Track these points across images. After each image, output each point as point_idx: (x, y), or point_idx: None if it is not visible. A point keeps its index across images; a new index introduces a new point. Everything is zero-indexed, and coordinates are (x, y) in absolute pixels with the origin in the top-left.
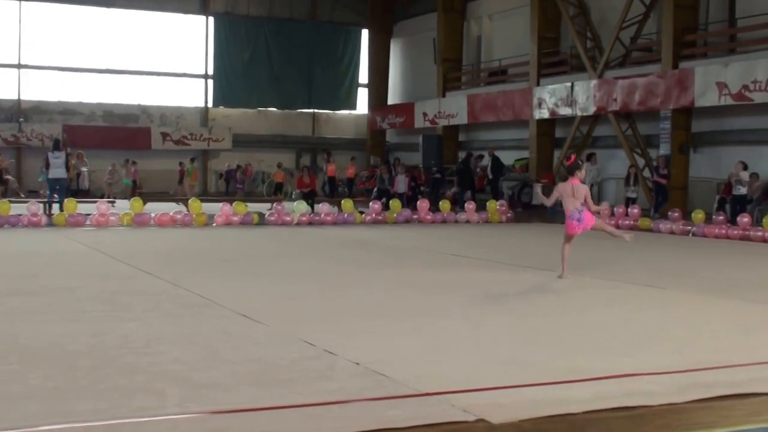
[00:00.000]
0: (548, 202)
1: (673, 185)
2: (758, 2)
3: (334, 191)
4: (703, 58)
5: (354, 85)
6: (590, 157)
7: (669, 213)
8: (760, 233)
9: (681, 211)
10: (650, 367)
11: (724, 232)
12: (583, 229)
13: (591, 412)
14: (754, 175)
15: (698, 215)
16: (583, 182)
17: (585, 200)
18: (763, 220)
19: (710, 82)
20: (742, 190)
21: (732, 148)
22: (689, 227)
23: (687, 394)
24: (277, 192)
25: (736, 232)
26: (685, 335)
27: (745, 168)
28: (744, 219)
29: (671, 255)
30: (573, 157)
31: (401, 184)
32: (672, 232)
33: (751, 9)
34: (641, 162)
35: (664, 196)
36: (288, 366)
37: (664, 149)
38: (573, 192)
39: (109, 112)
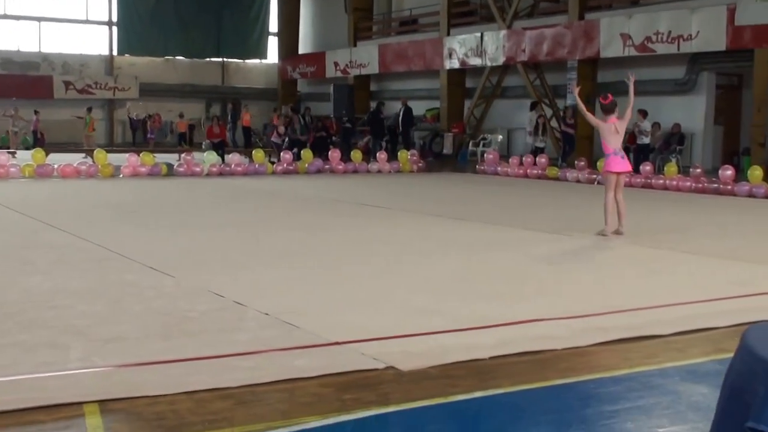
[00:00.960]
0: (587, 115)
1: (579, 135)
2: None
3: (249, 142)
4: (608, 9)
5: (264, 33)
6: (534, 106)
7: (576, 162)
8: (661, 181)
9: (587, 160)
10: (555, 312)
11: (627, 180)
12: (625, 169)
13: (497, 357)
14: (656, 125)
15: (602, 163)
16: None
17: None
18: (665, 168)
19: (615, 33)
20: (645, 140)
21: (636, 99)
22: (595, 176)
23: (589, 338)
24: (181, 142)
25: (638, 180)
26: (590, 281)
27: (646, 117)
28: (646, 167)
29: (578, 203)
30: (610, 96)
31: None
32: (578, 181)
33: None
34: (549, 112)
35: (571, 146)
36: (197, 318)
37: (571, 99)
38: (616, 129)
39: (7, 59)
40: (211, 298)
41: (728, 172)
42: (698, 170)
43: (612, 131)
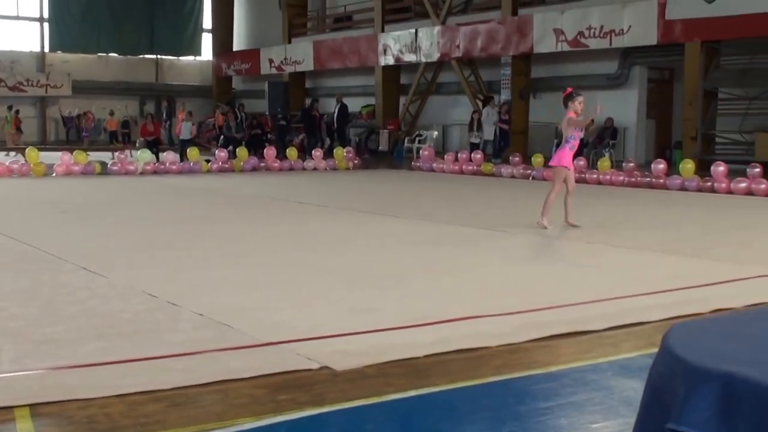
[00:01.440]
0: (583, 122)
1: (513, 130)
2: None
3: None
4: (541, 5)
5: (198, 30)
6: (488, 101)
7: (510, 157)
8: (594, 176)
9: (522, 155)
10: (492, 309)
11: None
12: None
13: (433, 356)
14: (591, 118)
15: (537, 159)
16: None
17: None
18: (598, 163)
19: (548, 28)
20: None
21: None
22: (529, 171)
23: (524, 334)
24: (112, 140)
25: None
26: (526, 277)
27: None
28: (580, 162)
29: (513, 199)
30: (569, 89)
31: (185, 130)
32: (513, 176)
33: None
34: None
35: (505, 141)
36: (130, 319)
37: (506, 95)
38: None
39: None
40: (145, 298)
41: (660, 166)
42: (631, 164)
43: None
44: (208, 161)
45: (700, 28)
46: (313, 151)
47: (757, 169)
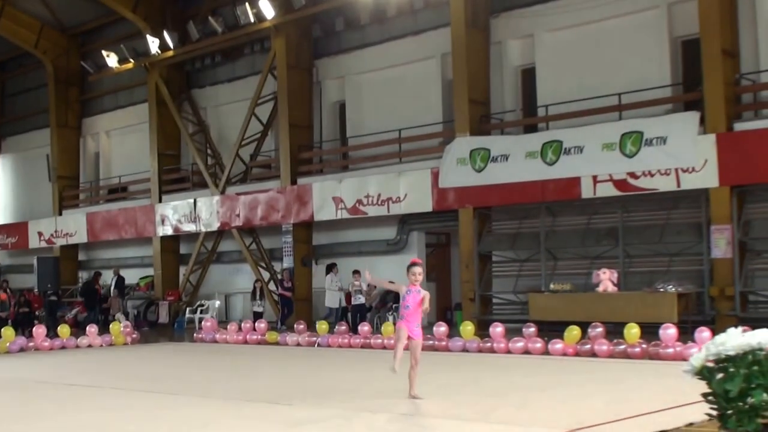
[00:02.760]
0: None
1: (297, 297)
2: (367, 123)
3: None
4: (319, 174)
5: None
6: (332, 268)
7: (295, 325)
8: (379, 340)
9: (306, 322)
10: None
11: (347, 341)
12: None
13: None
14: (371, 285)
15: (322, 326)
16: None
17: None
18: (381, 328)
19: (327, 197)
20: (361, 299)
21: (351, 259)
22: (315, 338)
23: None
24: None
25: (358, 340)
26: None
27: (360, 277)
28: (365, 327)
29: (300, 367)
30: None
31: None
32: (299, 344)
33: (361, 129)
34: (266, 275)
35: (289, 309)
36: None
37: (288, 262)
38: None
39: None
40: None
41: (442, 328)
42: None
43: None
44: None
45: (472, 195)
46: (87, 327)
47: (532, 329)
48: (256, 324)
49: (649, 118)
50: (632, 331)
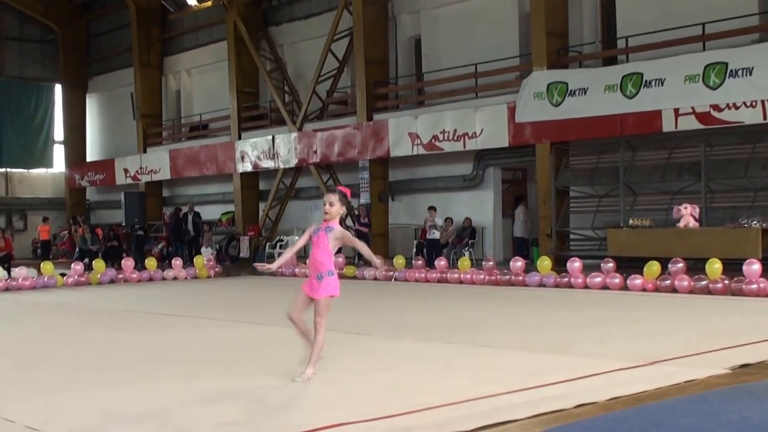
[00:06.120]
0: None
1: (374, 232)
2: (443, 58)
3: (48, 254)
4: (395, 110)
5: (49, 142)
6: (520, 201)
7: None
8: (456, 275)
9: (383, 257)
10: (357, 415)
11: (423, 275)
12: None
13: None
14: (449, 220)
15: (399, 260)
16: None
17: None
18: (458, 263)
19: (403, 132)
20: (436, 235)
21: (426, 195)
22: (391, 273)
23: None
24: None
25: (434, 275)
26: (389, 381)
27: (435, 213)
28: (441, 262)
29: (375, 301)
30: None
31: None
32: (376, 278)
33: (436, 64)
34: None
35: (366, 244)
36: None
37: (365, 198)
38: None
39: None
40: (1, 424)
41: (518, 263)
42: (491, 263)
43: None
44: (63, 275)
45: (549, 130)
46: (173, 260)
47: (611, 264)
48: None
49: (734, 48)
50: (714, 266)
